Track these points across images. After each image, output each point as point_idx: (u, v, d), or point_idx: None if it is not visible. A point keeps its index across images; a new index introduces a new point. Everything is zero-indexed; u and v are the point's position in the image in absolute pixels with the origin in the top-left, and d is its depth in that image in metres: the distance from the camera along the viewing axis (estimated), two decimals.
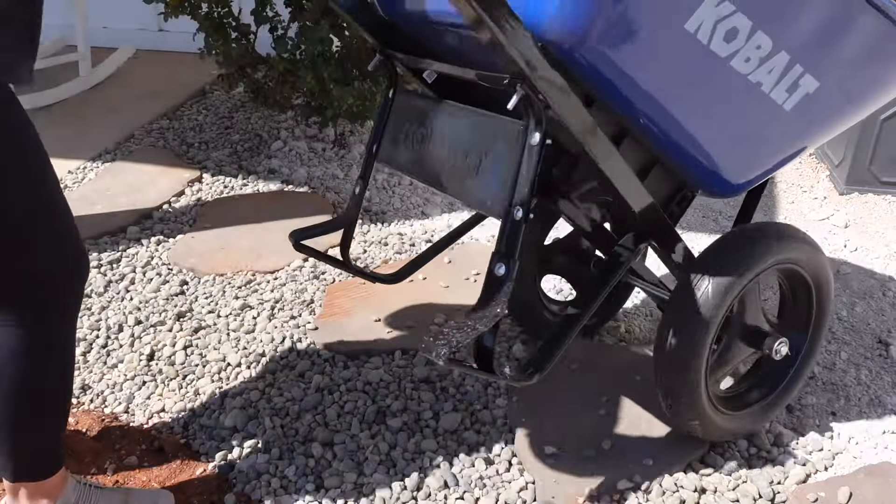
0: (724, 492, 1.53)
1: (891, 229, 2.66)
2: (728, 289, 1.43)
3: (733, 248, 1.48)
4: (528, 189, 1.21)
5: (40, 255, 1.24)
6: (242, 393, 1.79)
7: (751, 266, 1.45)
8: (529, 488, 1.54)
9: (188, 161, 3.00)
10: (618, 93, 1.27)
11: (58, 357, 1.31)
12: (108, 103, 3.54)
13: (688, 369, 1.46)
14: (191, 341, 1.97)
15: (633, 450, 1.60)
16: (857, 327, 2.07)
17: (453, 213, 2.68)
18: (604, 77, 1.24)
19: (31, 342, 1.25)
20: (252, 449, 1.64)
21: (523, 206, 1.21)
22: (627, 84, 1.26)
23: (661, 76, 1.28)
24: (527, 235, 1.79)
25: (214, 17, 2.83)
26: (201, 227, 2.52)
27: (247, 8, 2.90)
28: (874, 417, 1.76)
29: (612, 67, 1.23)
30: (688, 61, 1.27)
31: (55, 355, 1.30)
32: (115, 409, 1.76)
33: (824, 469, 1.60)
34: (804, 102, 1.40)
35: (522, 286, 1.88)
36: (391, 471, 1.58)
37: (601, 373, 1.82)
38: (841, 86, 1.42)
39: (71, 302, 1.30)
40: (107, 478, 1.56)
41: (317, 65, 2.77)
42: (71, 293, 1.30)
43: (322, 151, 3.09)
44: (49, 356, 1.29)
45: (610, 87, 1.27)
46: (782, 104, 1.38)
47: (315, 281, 2.23)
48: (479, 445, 1.64)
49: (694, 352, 1.44)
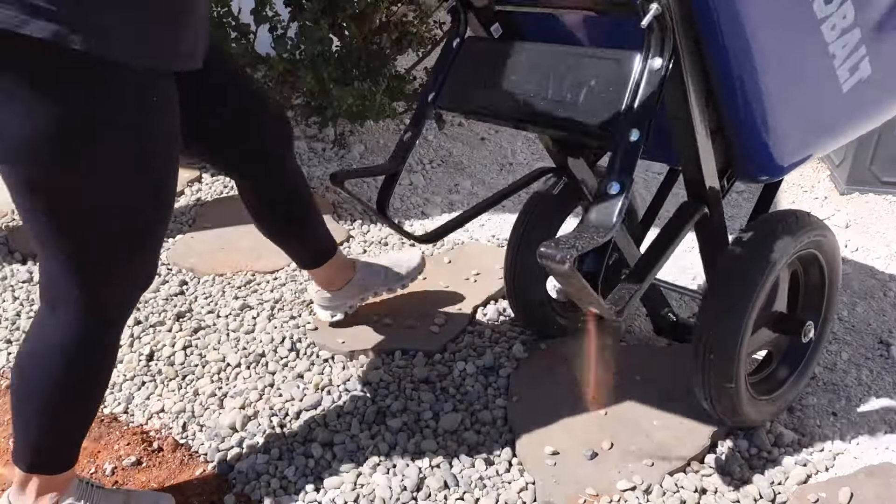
0: (725, 492, 1.53)
1: (891, 229, 2.66)
2: (769, 271, 1.46)
3: (771, 232, 1.50)
4: (646, 113, 1.23)
5: (136, 261, 1.27)
6: (242, 393, 1.79)
7: (787, 250, 1.48)
8: (529, 488, 1.53)
9: (188, 161, 2.99)
10: (725, 37, 1.28)
11: (106, 357, 1.34)
12: None
13: (732, 359, 1.48)
14: (190, 341, 1.97)
15: (633, 450, 1.60)
16: (858, 328, 2.07)
17: (453, 212, 2.68)
18: (716, 16, 1.25)
19: (88, 339, 1.27)
20: (252, 449, 1.63)
21: (641, 129, 1.22)
22: (737, 30, 1.27)
23: (766, 28, 1.29)
24: (543, 232, 1.82)
25: (214, 17, 2.83)
26: (201, 227, 2.52)
27: (246, 7, 2.90)
28: (875, 418, 1.76)
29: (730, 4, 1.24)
30: (791, 15, 1.30)
31: (105, 355, 1.33)
32: (114, 410, 1.75)
33: (825, 469, 1.60)
34: (858, 87, 1.43)
35: (532, 286, 1.88)
36: (391, 471, 1.57)
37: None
38: (886, 79, 1.46)
39: (131, 308, 1.34)
40: (106, 478, 1.55)
41: (316, 65, 2.77)
42: (135, 300, 1.34)
43: (322, 151, 3.09)
44: (99, 355, 1.31)
45: (719, 30, 1.27)
46: (842, 84, 1.41)
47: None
48: (479, 445, 1.64)
49: (738, 339, 1.47)
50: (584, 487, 1.52)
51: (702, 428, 1.64)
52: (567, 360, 1.85)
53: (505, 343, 1.96)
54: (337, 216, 2.61)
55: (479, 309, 2.09)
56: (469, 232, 2.55)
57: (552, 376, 1.81)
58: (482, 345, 1.94)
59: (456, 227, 1.79)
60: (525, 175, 1.86)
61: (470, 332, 2.00)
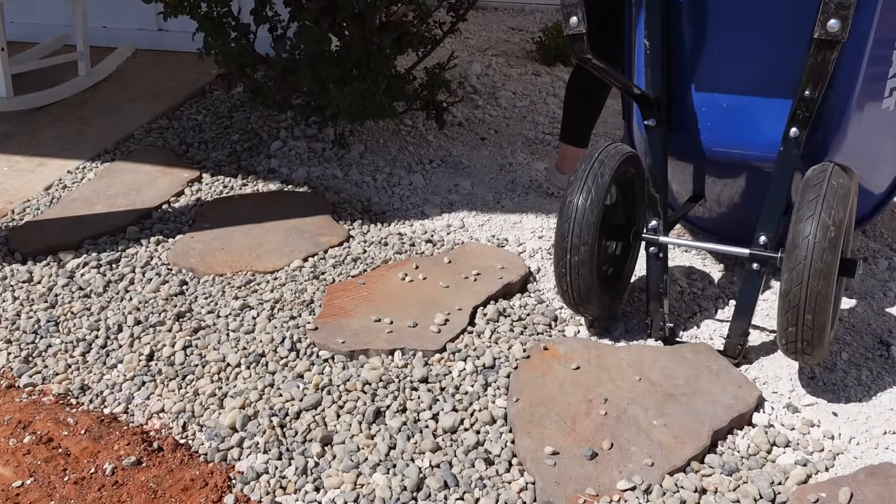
0: (725, 492, 1.53)
1: (892, 229, 2.65)
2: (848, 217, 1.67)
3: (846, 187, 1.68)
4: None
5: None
6: (242, 393, 1.79)
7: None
8: (529, 488, 1.53)
9: (187, 161, 3.00)
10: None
11: None
12: (107, 103, 3.54)
13: (827, 298, 1.60)
14: (190, 341, 1.97)
15: (633, 450, 1.60)
16: (858, 328, 2.07)
17: (453, 212, 2.68)
18: None
19: None
20: (252, 449, 1.63)
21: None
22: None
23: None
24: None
25: (214, 17, 2.83)
26: (201, 227, 2.52)
27: (246, 7, 2.90)
28: (875, 418, 1.76)
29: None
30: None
31: None
32: (114, 410, 1.76)
33: (825, 469, 1.60)
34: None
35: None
36: (391, 471, 1.57)
37: (601, 373, 1.82)
38: None
39: None
40: (106, 478, 1.55)
41: (316, 64, 2.77)
42: None
43: (321, 151, 3.09)
44: None
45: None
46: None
47: (315, 281, 2.23)
48: (479, 445, 1.64)
49: (830, 280, 1.59)
50: (584, 487, 1.52)
51: (702, 428, 1.65)
52: (567, 360, 1.85)
53: (505, 343, 1.96)
54: (337, 216, 2.61)
55: (479, 309, 2.09)
56: (469, 232, 2.55)
57: (552, 376, 1.81)
58: (482, 345, 1.95)
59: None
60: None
61: (470, 332, 2.00)
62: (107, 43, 4.10)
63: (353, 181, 2.88)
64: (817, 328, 1.63)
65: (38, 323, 2.04)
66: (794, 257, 1.62)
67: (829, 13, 1.59)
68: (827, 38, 1.61)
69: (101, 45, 4.03)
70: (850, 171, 1.72)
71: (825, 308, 1.61)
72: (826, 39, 1.62)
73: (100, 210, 2.58)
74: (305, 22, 2.72)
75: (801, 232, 1.62)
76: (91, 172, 2.88)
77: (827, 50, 1.63)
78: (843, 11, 1.58)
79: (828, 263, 1.59)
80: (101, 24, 4.19)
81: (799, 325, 1.63)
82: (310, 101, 2.94)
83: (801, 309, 1.62)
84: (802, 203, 1.66)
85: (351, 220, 2.60)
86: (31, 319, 2.05)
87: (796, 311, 1.62)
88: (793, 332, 1.65)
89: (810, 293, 1.60)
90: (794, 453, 1.64)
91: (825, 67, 1.65)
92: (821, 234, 1.60)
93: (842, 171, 1.70)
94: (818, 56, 1.65)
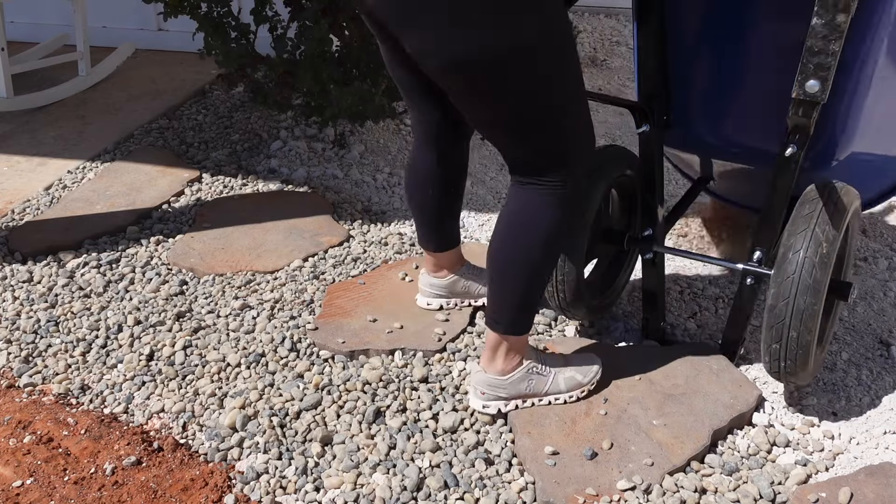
0: (725, 492, 1.53)
1: (891, 229, 2.65)
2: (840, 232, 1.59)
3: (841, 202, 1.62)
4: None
5: (583, 117, 1.46)
6: (242, 393, 1.79)
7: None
8: (529, 488, 1.53)
9: (187, 161, 3.00)
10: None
11: (575, 211, 1.55)
12: (107, 103, 3.54)
13: (814, 317, 1.55)
14: (190, 341, 1.97)
15: (633, 450, 1.60)
16: (858, 328, 2.07)
17: None
18: None
19: (563, 197, 1.47)
20: (252, 449, 1.64)
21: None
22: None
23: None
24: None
25: (214, 17, 2.83)
26: (201, 226, 2.52)
27: (246, 7, 2.90)
28: (875, 418, 1.76)
29: None
30: None
31: (575, 210, 1.53)
32: (114, 410, 1.76)
33: (825, 469, 1.60)
34: None
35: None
36: (391, 471, 1.58)
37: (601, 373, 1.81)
38: None
39: (584, 171, 1.52)
40: (106, 478, 1.55)
41: (316, 65, 2.77)
42: (587, 160, 1.50)
43: (322, 151, 3.09)
44: (571, 209, 1.50)
45: None
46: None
47: (315, 281, 2.23)
48: (479, 445, 1.64)
49: (818, 298, 1.55)
50: (584, 487, 1.52)
51: (702, 428, 1.65)
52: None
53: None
54: (337, 216, 2.61)
55: (479, 309, 2.09)
56: (469, 232, 2.55)
57: None
58: (482, 345, 1.94)
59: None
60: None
61: (470, 332, 2.00)
62: (107, 43, 4.11)
63: (353, 181, 2.88)
64: (802, 346, 1.57)
65: (38, 323, 2.04)
66: (783, 271, 1.56)
67: (808, 73, 1.44)
68: (806, 99, 1.47)
69: (101, 45, 4.04)
70: (851, 191, 1.65)
71: (811, 327, 1.55)
72: (805, 100, 1.48)
73: (100, 210, 2.58)
74: (306, 22, 2.73)
75: (791, 246, 1.57)
76: (91, 172, 2.89)
77: (807, 108, 1.49)
78: (823, 73, 1.43)
79: (817, 280, 1.53)
80: (101, 24, 4.20)
81: (783, 342, 1.58)
82: (310, 102, 2.94)
83: (787, 326, 1.56)
84: (797, 217, 1.61)
85: (351, 220, 2.60)
86: (31, 319, 2.05)
87: (781, 328, 1.57)
88: (776, 350, 1.60)
89: (796, 310, 1.55)
90: (794, 453, 1.64)
91: (806, 124, 1.52)
92: (812, 250, 1.54)
93: (842, 189, 1.63)
94: (798, 112, 1.50)
